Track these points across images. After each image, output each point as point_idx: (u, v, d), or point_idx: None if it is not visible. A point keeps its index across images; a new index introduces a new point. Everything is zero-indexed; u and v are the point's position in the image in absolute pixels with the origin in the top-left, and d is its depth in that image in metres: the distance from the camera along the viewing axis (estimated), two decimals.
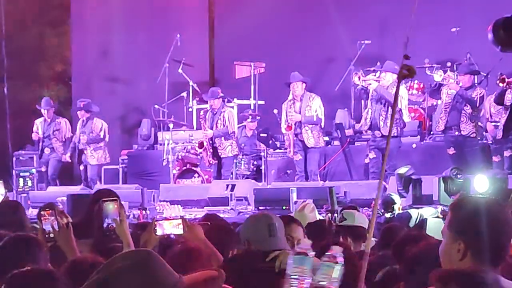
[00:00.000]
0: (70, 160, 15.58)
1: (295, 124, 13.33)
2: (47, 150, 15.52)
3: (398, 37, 14.96)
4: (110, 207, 4.48)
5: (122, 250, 4.32)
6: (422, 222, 9.10)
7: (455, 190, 10.48)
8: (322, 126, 13.60)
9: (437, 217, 9.35)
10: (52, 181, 15.47)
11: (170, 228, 4.51)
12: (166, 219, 4.56)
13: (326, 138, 15.09)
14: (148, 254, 2.55)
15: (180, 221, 4.53)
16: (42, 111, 15.58)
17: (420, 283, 3.59)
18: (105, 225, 4.43)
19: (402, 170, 11.35)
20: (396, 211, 9.49)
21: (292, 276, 2.75)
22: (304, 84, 13.42)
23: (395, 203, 9.51)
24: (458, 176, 10.66)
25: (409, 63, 4.80)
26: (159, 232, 4.48)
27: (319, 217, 7.83)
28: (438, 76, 13.42)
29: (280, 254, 4.54)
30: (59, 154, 15.50)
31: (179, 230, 4.52)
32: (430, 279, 3.06)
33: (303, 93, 13.42)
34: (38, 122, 15.66)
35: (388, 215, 9.43)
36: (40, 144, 15.62)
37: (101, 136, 15.12)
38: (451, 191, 10.54)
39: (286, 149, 14.34)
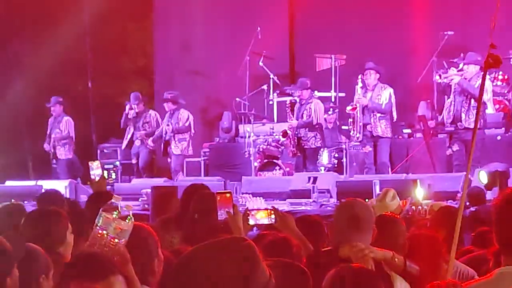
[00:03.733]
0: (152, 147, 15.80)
1: (362, 110, 13.20)
2: (137, 142, 15.73)
3: (481, 28, 14.75)
4: (223, 200, 4.49)
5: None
6: None
7: None
8: (394, 119, 13.41)
9: None
10: (142, 172, 15.68)
11: (263, 218, 4.52)
12: (258, 209, 4.57)
13: (408, 130, 14.99)
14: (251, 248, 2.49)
15: (272, 211, 4.54)
16: (132, 106, 15.76)
17: None
18: (219, 217, 4.44)
19: (483, 178, 11.08)
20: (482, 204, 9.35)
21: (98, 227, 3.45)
22: (377, 74, 13.29)
23: (481, 196, 9.39)
24: None
25: (495, 52, 4.74)
26: (251, 222, 4.48)
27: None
28: None
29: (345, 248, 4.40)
30: (147, 146, 15.68)
31: (271, 220, 4.53)
32: None
33: (376, 83, 13.29)
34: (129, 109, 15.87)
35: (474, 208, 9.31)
36: (129, 135, 15.80)
37: (186, 125, 15.30)
38: None
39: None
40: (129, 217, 3.54)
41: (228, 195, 4.50)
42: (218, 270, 2.40)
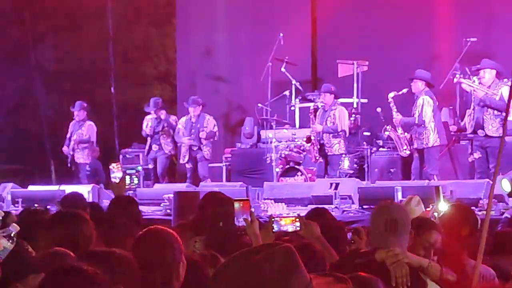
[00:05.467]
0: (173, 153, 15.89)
1: (401, 126, 13.20)
2: (154, 147, 15.81)
3: (505, 35, 14.73)
4: (241, 207, 4.51)
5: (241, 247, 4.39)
6: None
7: None
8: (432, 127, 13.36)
9: None
10: (161, 178, 15.76)
11: (287, 225, 4.54)
12: (282, 216, 4.60)
13: None
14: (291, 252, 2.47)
15: (297, 218, 4.56)
16: (152, 112, 15.82)
17: None
18: (237, 224, 4.46)
19: (506, 186, 11.02)
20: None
21: None
22: (423, 82, 13.27)
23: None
24: None
25: None
26: (275, 228, 4.51)
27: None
28: None
29: (382, 252, 4.36)
30: (167, 151, 15.79)
31: (296, 228, 4.55)
32: None
33: (419, 92, 13.26)
34: (148, 119, 15.94)
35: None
36: (148, 141, 15.91)
37: (214, 131, 15.48)
38: None
39: (389, 148, 14.26)
40: (12, 236, 3.47)
41: (247, 202, 4.54)
42: (256, 275, 2.37)
